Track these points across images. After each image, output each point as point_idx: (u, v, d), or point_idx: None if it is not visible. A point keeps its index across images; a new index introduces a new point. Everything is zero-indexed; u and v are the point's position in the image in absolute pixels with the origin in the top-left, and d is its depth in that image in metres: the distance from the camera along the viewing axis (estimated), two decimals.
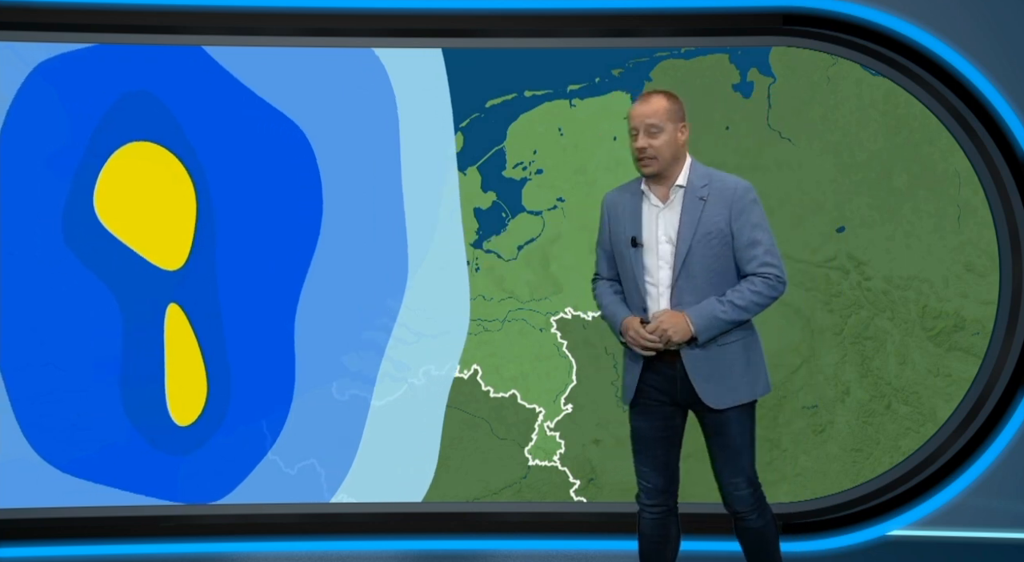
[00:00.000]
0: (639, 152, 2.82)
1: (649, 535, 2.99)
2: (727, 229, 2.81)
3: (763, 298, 2.80)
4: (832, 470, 4.14)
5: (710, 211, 2.81)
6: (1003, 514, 4.09)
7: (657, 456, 2.93)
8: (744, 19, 4.08)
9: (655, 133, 2.81)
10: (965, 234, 4.12)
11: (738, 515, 2.94)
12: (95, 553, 3.97)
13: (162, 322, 4.10)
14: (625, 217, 2.90)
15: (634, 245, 2.85)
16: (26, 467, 4.05)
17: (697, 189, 2.84)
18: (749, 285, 2.80)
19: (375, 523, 4.14)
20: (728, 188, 2.84)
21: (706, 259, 2.80)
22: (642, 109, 2.83)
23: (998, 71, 4.00)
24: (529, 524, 4.14)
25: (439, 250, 4.13)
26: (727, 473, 2.90)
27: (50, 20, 4.02)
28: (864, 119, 4.10)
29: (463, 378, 4.15)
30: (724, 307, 2.78)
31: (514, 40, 4.09)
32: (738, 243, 2.82)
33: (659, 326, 2.77)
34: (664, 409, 2.90)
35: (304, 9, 4.06)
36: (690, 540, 3.97)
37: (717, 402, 2.82)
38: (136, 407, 4.09)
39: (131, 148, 4.08)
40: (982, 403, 4.12)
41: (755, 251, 2.81)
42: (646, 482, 2.95)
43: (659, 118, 2.81)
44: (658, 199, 2.87)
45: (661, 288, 2.83)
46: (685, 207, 2.83)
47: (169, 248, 4.11)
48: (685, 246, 2.80)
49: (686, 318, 2.77)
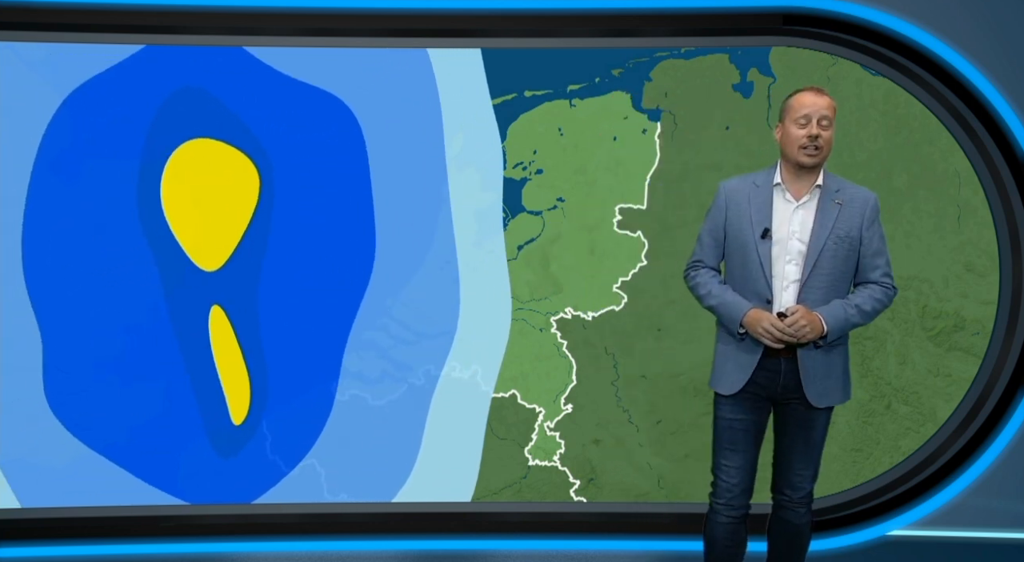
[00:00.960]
0: (809, 140, 2.85)
1: (722, 541, 3.01)
2: (858, 236, 2.89)
3: (882, 307, 2.92)
4: (832, 470, 4.14)
5: (845, 216, 2.88)
6: (1003, 514, 4.09)
7: (748, 452, 2.97)
8: (744, 19, 4.08)
9: (826, 126, 2.88)
10: (965, 234, 4.12)
11: (792, 504, 2.99)
12: (95, 553, 3.97)
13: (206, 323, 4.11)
14: (752, 207, 2.91)
15: (764, 237, 2.87)
16: (82, 464, 4.06)
17: (832, 192, 2.91)
18: (872, 293, 2.91)
19: (375, 523, 4.14)
20: (861, 197, 2.93)
21: (835, 261, 2.87)
22: (818, 101, 2.87)
23: (998, 71, 4.00)
24: (529, 524, 4.14)
25: (439, 250, 4.13)
26: (800, 465, 2.98)
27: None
28: (864, 119, 4.10)
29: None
30: (852, 311, 2.86)
31: (514, 40, 4.09)
32: (865, 250, 2.91)
33: (798, 321, 2.80)
34: (760, 403, 2.96)
35: (308, 9, 4.06)
36: (690, 540, 3.99)
37: (818, 401, 2.90)
38: (195, 406, 4.10)
39: (194, 144, 4.06)
40: (982, 403, 4.12)
41: (879, 261, 2.92)
42: (730, 480, 2.97)
43: (831, 113, 2.88)
44: (793, 195, 2.91)
45: (786, 282, 2.87)
46: (821, 208, 2.89)
47: (213, 247, 4.09)
48: (818, 245, 2.86)
49: (820, 317, 2.82)
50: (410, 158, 4.08)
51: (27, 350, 4.03)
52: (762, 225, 2.88)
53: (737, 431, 2.96)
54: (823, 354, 2.88)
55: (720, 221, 2.99)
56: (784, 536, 3.04)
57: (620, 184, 4.11)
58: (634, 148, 4.10)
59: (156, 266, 4.05)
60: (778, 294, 2.87)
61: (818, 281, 2.86)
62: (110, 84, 3.99)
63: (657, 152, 4.11)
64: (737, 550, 3.02)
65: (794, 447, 2.97)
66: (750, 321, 2.87)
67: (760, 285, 2.88)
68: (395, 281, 4.11)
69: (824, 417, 2.97)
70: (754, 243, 2.88)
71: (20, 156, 3.98)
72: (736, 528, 2.99)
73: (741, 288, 2.93)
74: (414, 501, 4.15)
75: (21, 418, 4.04)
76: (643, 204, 4.12)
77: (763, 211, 2.90)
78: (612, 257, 4.13)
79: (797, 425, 2.95)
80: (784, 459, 3.00)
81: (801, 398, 2.90)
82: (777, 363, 2.89)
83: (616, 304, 4.13)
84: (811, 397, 2.89)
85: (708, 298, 2.99)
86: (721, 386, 2.97)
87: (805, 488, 3.00)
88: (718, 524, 3.00)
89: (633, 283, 4.13)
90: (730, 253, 2.98)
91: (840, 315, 2.84)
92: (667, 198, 4.10)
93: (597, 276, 4.13)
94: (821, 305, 2.86)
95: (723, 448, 2.98)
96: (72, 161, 4.00)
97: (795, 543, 3.04)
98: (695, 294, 3.05)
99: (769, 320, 2.83)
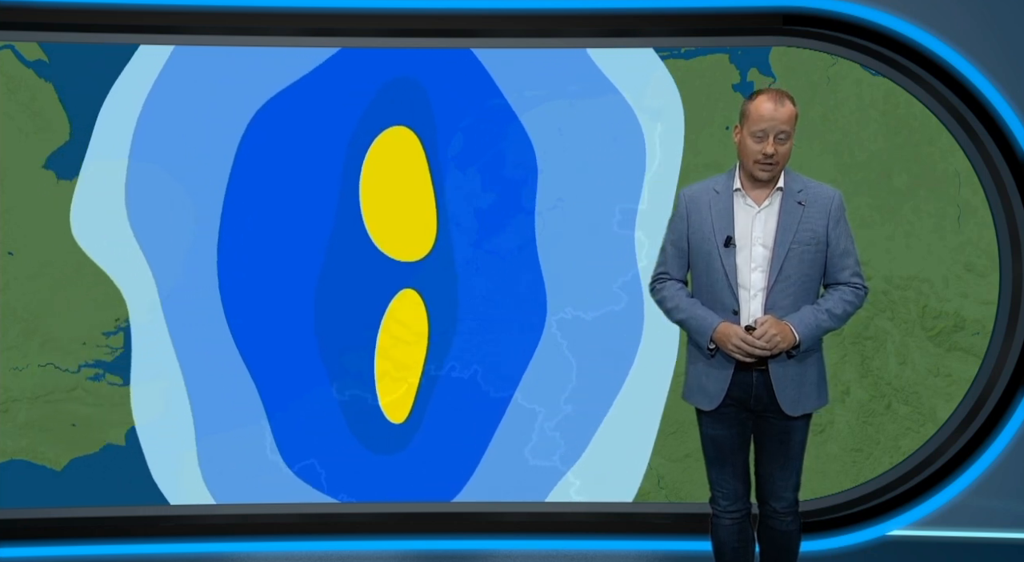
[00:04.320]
0: (764, 157, 2.75)
1: (729, 541, 3.00)
2: (824, 236, 2.81)
3: (854, 308, 2.85)
4: (832, 470, 4.14)
5: (809, 216, 2.80)
6: (1003, 514, 4.09)
7: (736, 464, 2.95)
8: (744, 19, 4.08)
9: (783, 140, 2.76)
10: (965, 234, 4.12)
11: (776, 514, 2.96)
12: (95, 553, 3.96)
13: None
14: (713, 215, 2.83)
15: (728, 245, 2.79)
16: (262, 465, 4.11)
17: (794, 193, 2.82)
18: (843, 295, 2.83)
19: (375, 523, 4.14)
20: (825, 195, 2.83)
21: (802, 265, 2.79)
22: (778, 113, 2.74)
23: (998, 71, 4.00)
24: (529, 524, 4.14)
25: (439, 249, 4.13)
26: (780, 475, 2.92)
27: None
28: (864, 119, 4.10)
29: (463, 377, 4.16)
30: (823, 316, 2.79)
31: (514, 40, 4.09)
32: (833, 250, 2.83)
33: (768, 333, 2.73)
34: (739, 416, 2.90)
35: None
36: (690, 540, 3.99)
37: (793, 409, 2.83)
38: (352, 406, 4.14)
39: (391, 133, 4.11)
40: (982, 403, 4.11)
41: (848, 261, 2.84)
42: (726, 489, 2.96)
43: (790, 126, 2.76)
44: (753, 200, 2.83)
45: (753, 291, 2.79)
46: (783, 211, 2.80)
47: (408, 239, 4.12)
48: (783, 250, 2.78)
49: (790, 326, 2.75)
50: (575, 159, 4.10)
51: (222, 351, 4.07)
52: (724, 233, 2.80)
53: (721, 446, 2.93)
54: (796, 363, 2.80)
55: (683, 230, 2.90)
56: (773, 543, 3.02)
57: (620, 184, 4.11)
58: (634, 148, 4.10)
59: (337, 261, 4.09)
60: (745, 304, 2.79)
61: (785, 288, 2.78)
62: (308, 88, 4.05)
63: (657, 152, 4.11)
64: (746, 548, 3.01)
65: (773, 459, 2.91)
66: (720, 338, 2.78)
67: (726, 295, 2.80)
68: (569, 293, 4.13)
69: (802, 426, 2.89)
70: (718, 252, 2.80)
71: (219, 159, 4.03)
72: (741, 527, 2.99)
73: (707, 298, 2.85)
74: (413, 501, 4.15)
75: (219, 417, 4.09)
76: (643, 204, 4.12)
77: (724, 218, 2.81)
78: (612, 257, 4.13)
79: (775, 437, 2.89)
80: (765, 471, 2.95)
81: (776, 409, 2.83)
82: (749, 376, 2.82)
83: (616, 304, 4.13)
84: (785, 406, 2.81)
85: (676, 312, 2.91)
86: (698, 401, 2.91)
87: (788, 498, 2.95)
88: (722, 527, 2.99)
89: (633, 283, 4.13)
90: (694, 263, 2.89)
91: (811, 321, 2.76)
92: (667, 198, 4.10)
93: (597, 276, 4.14)
94: (791, 312, 2.78)
95: (711, 462, 2.97)
96: (272, 165, 4.05)
97: (785, 549, 3.01)
98: (662, 308, 2.97)
99: (738, 335, 2.75)
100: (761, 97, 2.78)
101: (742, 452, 2.95)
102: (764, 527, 3.01)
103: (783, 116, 2.75)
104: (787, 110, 2.75)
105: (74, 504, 4.06)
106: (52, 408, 4.06)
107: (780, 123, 2.74)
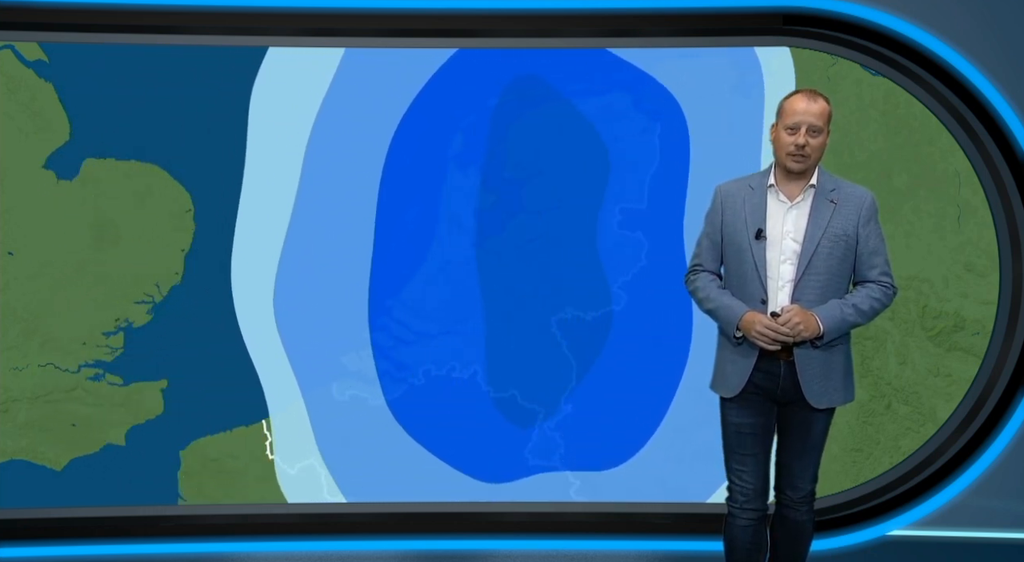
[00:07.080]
0: (796, 148, 2.85)
1: (742, 542, 3.01)
2: (853, 234, 2.89)
3: (881, 306, 2.91)
4: (832, 470, 4.14)
5: (840, 215, 2.88)
6: (1003, 514, 4.09)
7: (758, 454, 2.97)
8: (744, 19, 4.08)
9: (815, 134, 2.87)
10: (965, 234, 4.12)
11: (792, 503, 3.00)
12: (95, 553, 3.96)
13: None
14: (747, 209, 2.93)
15: (758, 237, 2.88)
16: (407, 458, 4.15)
17: (827, 191, 2.91)
18: (870, 292, 2.90)
19: (375, 523, 4.14)
20: (857, 195, 2.92)
21: (830, 260, 2.87)
22: (811, 108, 2.86)
23: (998, 71, 4.00)
24: (529, 524, 4.14)
25: (439, 249, 4.13)
26: (799, 466, 2.98)
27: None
28: (864, 119, 4.10)
29: (463, 378, 4.16)
30: (849, 310, 2.85)
31: (514, 40, 4.09)
32: (862, 249, 2.91)
33: (791, 320, 2.80)
34: (764, 405, 2.95)
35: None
36: (690, 540, 3.99)
37: (818, 401, 2.89)
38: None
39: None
40: (982, 403, 4.12)
41: (877, 260, 2.91)
42: (744, 484, 2.98)
43: (823, 121, 2.87)
44: (786, 196, 2.91)
45: (781, 282, 2.87)
46: (815, 207, 2.89)
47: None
48: (812, 245, 2.86)
49: (815, 317, 2.81)
50: (731, 155, 4.07)
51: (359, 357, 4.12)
52: (756, 226, 2.89)
53: (744, 435, 2.96)
54: (822, 354, 2.87)
55: (717, 224, 3.00)
56: (786, 533, 3.05)
57: (620, 184, 4.11)
58: (634, 148, 4.10)
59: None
60: (773, 295, 2.87)
61: (813, 281, 2.86)
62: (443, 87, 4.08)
63: (657, 152, 4.11)
64: (757, 552, 3.03)
65: (793, 448, 2.98)
66: (745, 325, 2.86)
67: (755, 286, 2.89)
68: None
69: (824, 418, 2.96)
70: (749, 244, 2.89)
71: (371, 158, 4.07)
72: (755, 529, 3.00)
73: (738, 290, 2.93)
74: (413, 501, 4.16)
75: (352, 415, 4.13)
76: (643, 204, 4.12)
77: (757, 213, 2.91)
78: (612, 257, 4.13)
79: (796, 426, 2.95)
80: (784, 459, 3.02)
81: (801, 399, 2.89)
82: (776, 365, 2.89)
83: (616, 304, 4.14)
84: (810, 398, 2.88)
85: (706, 302, 3.00)
86: (722, 389, 2.98)
87: (805, 488, 3.00)
88: (736, 527, 3.00)
89: (633, 283, 4.13)
90: (727, 256, 2.99)
91: (836, 314, 2.84)
92: (667, 198, 4.09)
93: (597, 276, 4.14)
94: (817, 305, 2.85)
95: (732, 452, 3.00)
96: (423, 162, 4.09)
97: (797, 541, 3.04)
98: (694, 298, 3.06)
99: (763, 322, 2.83)
100: (796, 95, 2.92)
101: (764, 443, 2.98)
102: (779, 517, 3.06)
103: (815, 110, 2.86)
104: (819, 106, 2.87)
105: (74, 504, 4.07)
106: (52, 408, 4.07)
107: (812, 117, 2.86)
